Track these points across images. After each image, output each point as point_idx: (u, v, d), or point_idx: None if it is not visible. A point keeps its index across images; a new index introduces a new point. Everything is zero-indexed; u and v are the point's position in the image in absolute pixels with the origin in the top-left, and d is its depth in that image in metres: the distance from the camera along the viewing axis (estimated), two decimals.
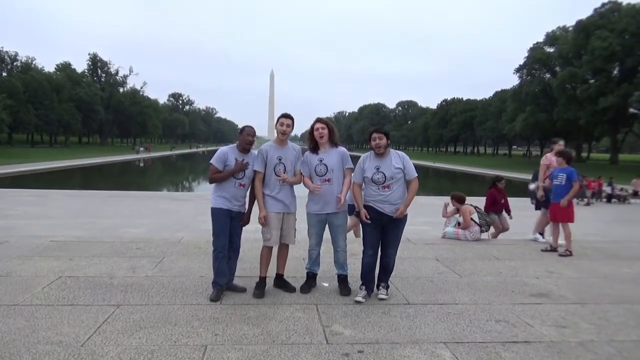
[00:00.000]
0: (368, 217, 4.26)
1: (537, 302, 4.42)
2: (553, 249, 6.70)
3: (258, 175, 4.33)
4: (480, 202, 8.37)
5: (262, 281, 4.43)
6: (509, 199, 8.26)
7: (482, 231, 7.55)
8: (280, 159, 4.31)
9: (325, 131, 4.34)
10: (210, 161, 4.30)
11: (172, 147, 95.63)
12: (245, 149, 4.33)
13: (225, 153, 4.30)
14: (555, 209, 6.66)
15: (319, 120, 4.40)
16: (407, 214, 4.29)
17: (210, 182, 4.35)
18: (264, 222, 4.29)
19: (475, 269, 5.60)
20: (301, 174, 4.44)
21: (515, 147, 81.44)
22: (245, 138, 4.31)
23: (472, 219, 7.49)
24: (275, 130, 4.42)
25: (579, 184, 6.61)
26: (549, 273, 5.51)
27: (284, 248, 4.55)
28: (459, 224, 7.58)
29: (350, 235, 7.01)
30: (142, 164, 50.45)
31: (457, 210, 7.69)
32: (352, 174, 4.43)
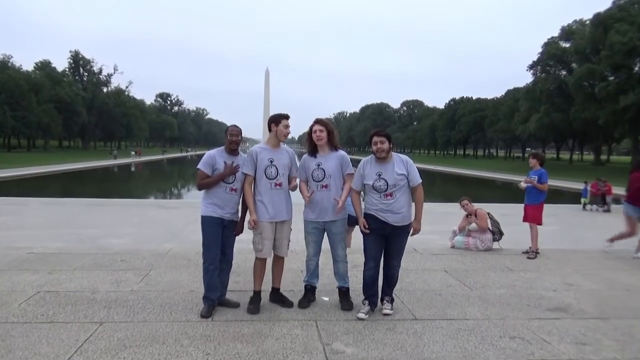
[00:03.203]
0: (367, 227, 4.25)
1: (554, 316, 4.41)
2: (535, 252, 7.09)
3: (247, 179, 4.32)
4: (494, 208, 8.36)
5: (256, 295, 4.42)
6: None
7: (494, 240, 7.54)
8: (272, 161, 4.30)
9: (324, 134, 4.35)
10: (198, 166, 4.30)
11: (164, 150, 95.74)
12: (231, 149, 4.33)
13: (212, 156, 4.31)
14: (525, 210, 7.25)
15: (317, 121, 4.41)
16: (412, 222, 4.29)
17: (199, 189, 4.36)
18: (253, 226, 4.26)
19: (487, 281, 5.59)
20: (296, 179, 4.44)
21: (529, 149, 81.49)
22: (228, 138, 4.32)
23: None
24: (272, 134, 4.39)
25: (547, 185, 7.15)
26: (567, 285, 5.51)
27: (279, 260, 4.53)
28: (469, 231, 7.57)
29: (353, 244, 7.00)
30: (133, 169, 50.68)
31: (467, 216, 7.69)
32: (353, 184, 4.43)
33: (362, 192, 4.52)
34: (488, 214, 7.72)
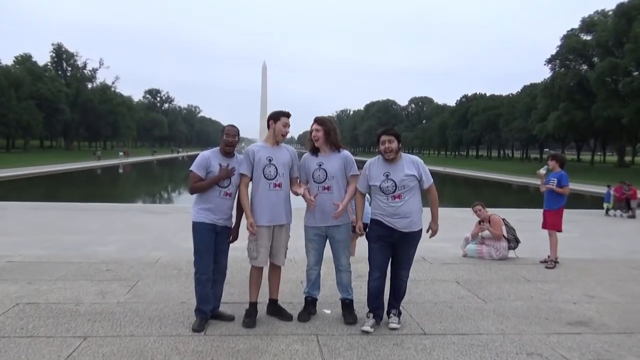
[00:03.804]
0: (362, 231, 4.37)
1: (575, 331, 4.40)
2: (554, 262, 7.06)
3: (243, 180, 4.33)
4: (509, 214, 8.35)
5: (252, 308, 4.41)
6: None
7: (510, 248, 7.54)
8: (270, 160, 4.30)
9: (320, 133, 4.36)
10: (190, 168, 4.30)
11: (154, 151, 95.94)
12: (226, 150, 4.34)
13: (207, 158, 4.31)
14: (544, 216, 7.22)
15: (316, 120, 4.43)
16: (421, 228, 4.30)
17: (192, 192, 4.36)
18: (252, 230, 4.25)
19: (502, 293, 5.58)
20: (298, 181, 4.45)
21: (547, 149, 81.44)
22: (224, 139, 4.32)
23: None
24: (271, 131, 4.41)
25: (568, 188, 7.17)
26: (588, 297, 5.50)
27: (275, 269, 4.53)
28: (482, 239, 7.57)
29: (358, 253, 7.00)
30: (120, 170, 50.77)
31: (480, 223, 7.68)
32: (358, 185, 4.44)
33: (367, 197, 4.53)
34: (503, 220, 7.72)
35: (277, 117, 4.35)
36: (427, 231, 4.38)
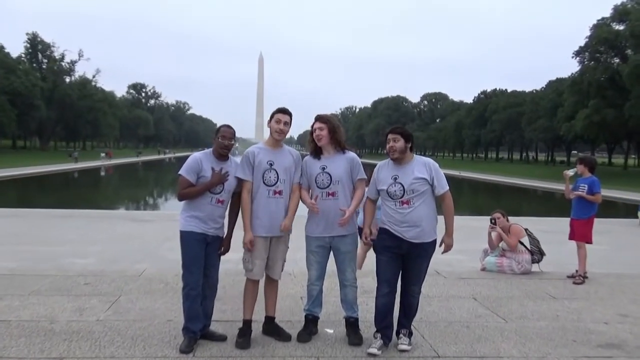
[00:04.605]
0: (369, 239, 4.38)
1: (606, 354, 4.39)
2: (582, 277, 7.03)
3: (245, 185, 4.33)
4: (533, 223, 8.34)
5: (246, 326, 4.41)
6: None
7: (533, 261, 7.52)
8: (271, 164, 4.32)
9: (324, 132, 4.36)
10: (180, 172, 4.29)
11: (139, 152, 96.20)
12: (221, 154, 4.35)
13: (198, 161, 4.31)
14: (572, 226, 7.22)
15: (318, 118, 4.44)
16: (434, 239, 4.29)
17: (180, 199, 4.35)
18: (250, 247, 4.29)
19: (524, 312, 5.57)
20: (300, 186, 4.46)
21: (575, 151, 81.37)
22: (219, 142, 4.31)
23: (521, 243, 7.46)
24: (266, 131, 4.44)
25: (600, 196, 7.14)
26: (621, 317, 5.48)
27: (272, 283, 4.54)
28: (503, 251, 7.55)
29: (364, 266, 7.00)
30: (102, 173, 50.98)
31: (491, 225, 7.62)
32: (367, 188, 4.45)
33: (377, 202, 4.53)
34: (526, 230, 7.69)
35: (271, 115, 4.38)
36: (440, 245, 4.35)
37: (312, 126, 4.45)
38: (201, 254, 4.27)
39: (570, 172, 7.33)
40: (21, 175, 38.80)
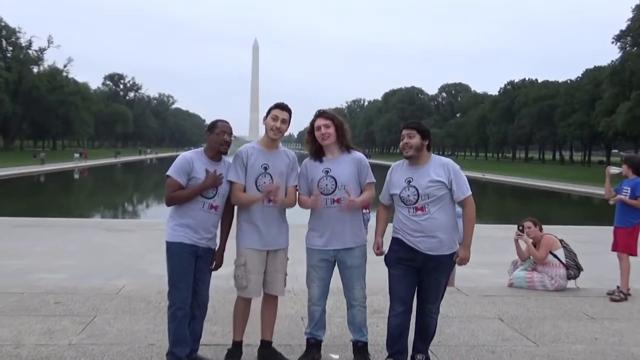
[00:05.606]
0: (380, 250, 4.35)
1: None
2: (624, 294, 6.98)
3: (236, 187, 4.32)
4: (568, 232, 8.31)
5: (236, 348, 4.43)
6: None
7: (569, 276, 7.49)
8: (266, 168, 4.33)
9: (331, 129, 4.35)
10: (168, 172, 4.27)
11: (117, 152, 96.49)
12: (221, 151, 4.35)
13: (189, 161, 4.30)
14: (615, 235, 7.16)
15: (320, 114, 4.42)
16: (454, 252, 4.29)
17: (169, 203, 4.33)
18: (272, 189, 4.19)
19: (558, 334, 5.56)
20: (296, 190, 4.47)
21: (615, 150, 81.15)
22: (218, 137, 4.31)
23: (554, 255, 7.41)
24: (262, 128, 4.45)
25: None
26: None
27: (271, 301, 4.54)
28: (534, 264, 7.52)
29: (374, 282, 6.99)
30: (76, 176, 51.18)
31: (519, 231, 7.59)
32: (380, 195, 4.45)
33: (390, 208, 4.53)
34: (561, 241, 7.66)
35: (268, 111, 4.39)
36: (454, 258, 4.33)
37: (313, 123, 4.42)
38: (190, 269, 4.25)
39: (614, 170, 7.29)
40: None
